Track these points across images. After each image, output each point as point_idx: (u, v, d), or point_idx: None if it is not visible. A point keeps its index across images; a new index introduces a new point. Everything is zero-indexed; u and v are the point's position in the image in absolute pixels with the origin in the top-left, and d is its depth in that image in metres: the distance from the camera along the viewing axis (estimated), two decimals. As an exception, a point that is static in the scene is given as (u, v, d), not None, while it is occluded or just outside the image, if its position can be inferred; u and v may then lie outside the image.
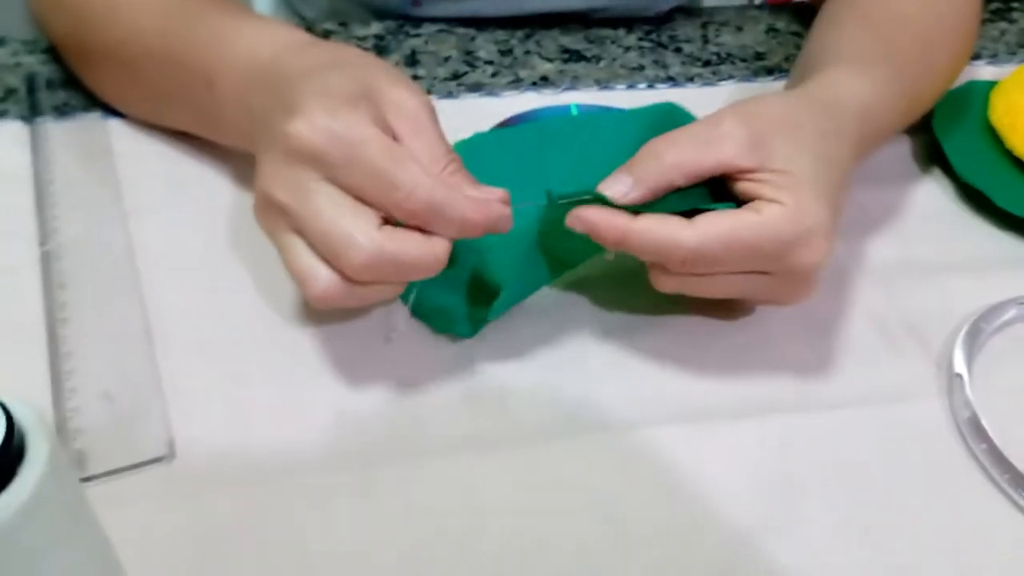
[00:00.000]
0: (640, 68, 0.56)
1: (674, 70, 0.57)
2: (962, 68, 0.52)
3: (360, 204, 0.32)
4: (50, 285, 0.40)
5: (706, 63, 0.57)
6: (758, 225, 0.34)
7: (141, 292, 0.40)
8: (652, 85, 0.55)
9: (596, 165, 0.37)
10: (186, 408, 0.36)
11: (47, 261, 0.41)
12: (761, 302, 0.41)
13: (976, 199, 0.49)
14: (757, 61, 0.58)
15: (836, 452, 0.37)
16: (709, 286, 0.37)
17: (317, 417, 0.36)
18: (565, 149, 0.44)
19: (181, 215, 0.44)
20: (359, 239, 0.32)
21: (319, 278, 0.32)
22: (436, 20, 0.59)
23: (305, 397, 0.37)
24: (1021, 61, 0.58)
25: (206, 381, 0.37)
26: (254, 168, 0.35)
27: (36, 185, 0.44)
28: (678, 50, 0.58)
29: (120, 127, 0.48)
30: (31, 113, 0.48)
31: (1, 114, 0.49)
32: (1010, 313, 0.43)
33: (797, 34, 0.61)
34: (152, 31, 0.44)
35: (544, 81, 0.54)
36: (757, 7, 0.65)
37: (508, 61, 0.56)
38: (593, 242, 0.36)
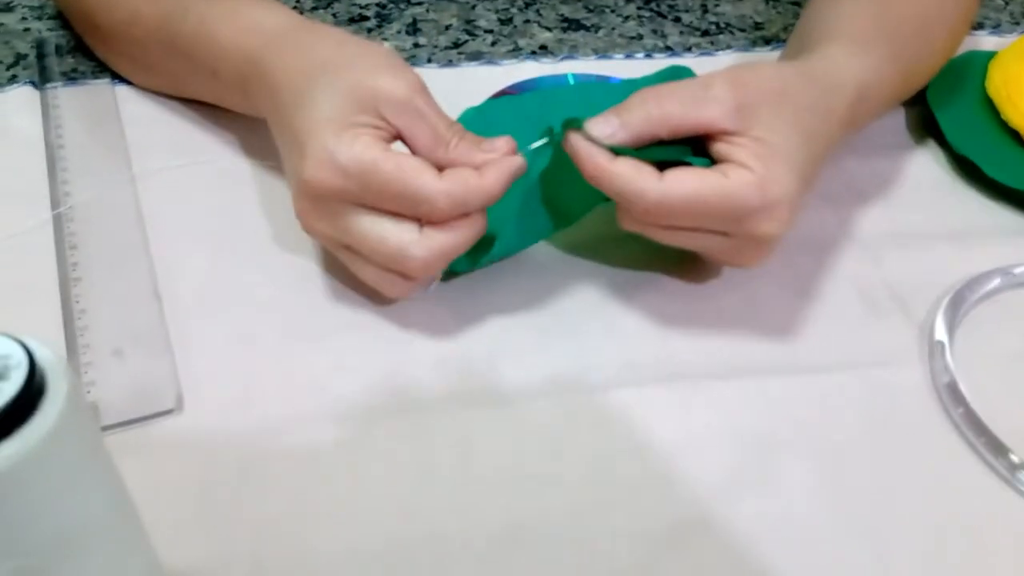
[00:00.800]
0: (639, 37, 0.57)
1: (672, 40, 0.57)
2: (959, 44, 0.52)
3: (396, 217, 0.35)
4: (62, 246, 0.41)
5: (704, 33, 0.58)
6: (722, 189, 0.35)
7: (150, 253, 0.41)
8: (650, 55, 0.56)
9: None
10: (193, 364, 0.37)
11: (59, 223, 0.42)
12: (716, 261, 0.42)
13: (968, 169, 0.50)
14: (756, 31, 0.59)
15: (816, 413, 0.38)
16: (667, 236, 0.38)
17: (316, 374, 0.38)
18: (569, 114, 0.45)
19: (189, 178, 0.45)
20: (411, 251, 0.35)
21: (391, 286, 0.37)
22: (438, -12, 0.59)
23: (306, 355, 0.38)
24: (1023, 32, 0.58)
25: (212, 338, 0.39)
26: (262, 133, 0.38)
27: (47, 149, 0.46)
28: (677, 19, 0.59)
29: (128, 92, 0.50)
30: (41, 79, 0.50)
31: (12, 79, 0.50)
32: (995, 282, 0.44)
33: (796, 3, 0.62)
34: (152, 16, 0.45)
35: (543, 50, 0.55)
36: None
37: (508, 30, 0.56)
38: (592, 191, 0.37)
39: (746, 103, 0.37)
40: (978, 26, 0.61)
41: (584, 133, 0.36)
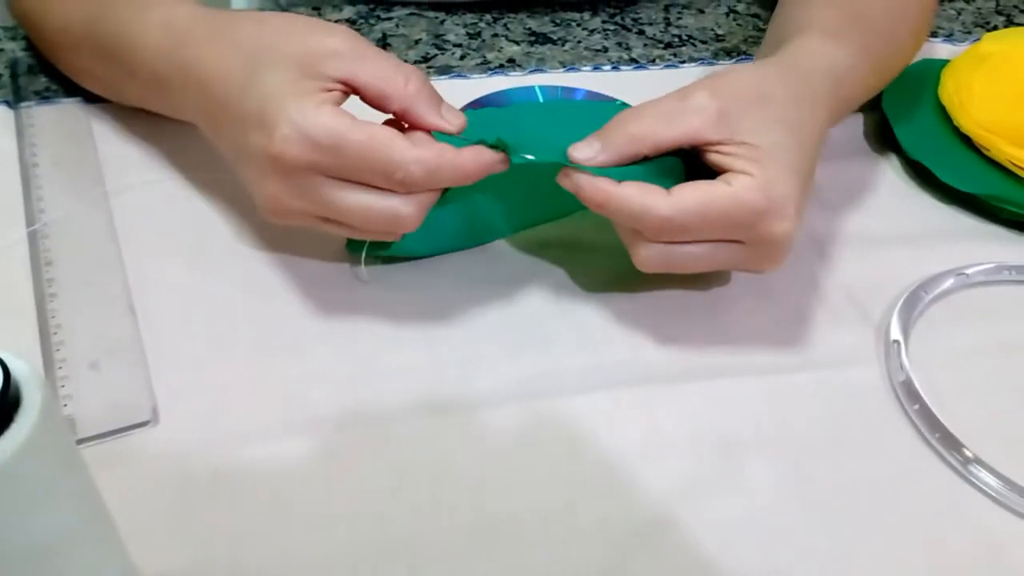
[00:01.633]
0: (604, 50, 0.58)
1: (637, 52, 0.58)
2: (923, 42, 0.53)
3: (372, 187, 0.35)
4: (38, 262, 0.42)
5: (667, 45, 0.59)
6: (729, 196, 0.36)
7: (124, 268, 0.42)
8: (616, 67, 0.57)
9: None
10: (168, 376, 0.38)
11: (34, 240, 0.43)
12: (736, 269, 0.42)
13: (922, 175, 0.51)
14: (717, 43, 0.60)
15: (778, 413, 0.39)
16: (686, 257, 0.38)
17: (289, 384, 0.38)
18: (540, 130, 0.46)
19: (161, 194, 0.46)
20: (401, 211, 0.35)
21: (384, 238, 0.38)
22: (407, 4, 0.60)
23: (278, 365, 0.39)
24: (976, 40, 0.59)
25: (187, 351, 0.39)
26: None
27: (22, 168, 0.46)
28: (641, 32, 0.60)
29: (101, 111, 0.50)
30: (15, 98, 0.50)
31: (-15, 99, 0.50)
32: (948, 283, 0.45)
33: (756, 16, 0.63)
34: (79, 22, 0.45)
35: (511, 63, 0.56)
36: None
37: (476, 44, 0.58)
38: (549, 204, 0.38)
39: (727, 110, 0.37)
40: (932, 35, 0.63)
41: (573, 168, 0.36)
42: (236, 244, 0.44)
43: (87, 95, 0.50)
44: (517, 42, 0.58)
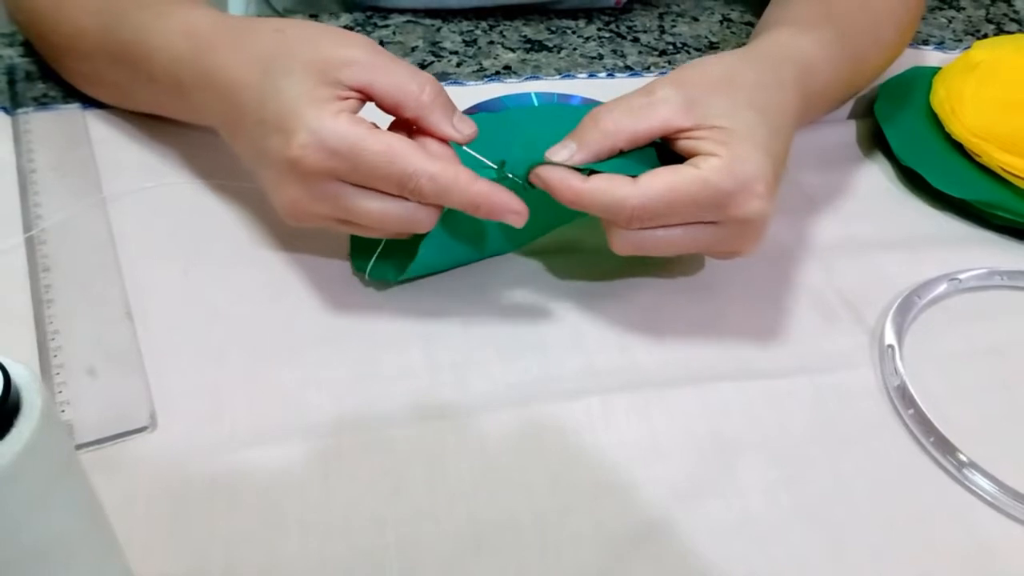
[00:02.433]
0: (599, 57, 0.59)
1: (631, 59, 0.59)
2: (908, 41, 0.54)
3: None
4: (35, 268, 0.42)
5: (662, 52, 0.60)
6: (696, 178, 0.36)
7: (121, 273, 0.42)
8: (612, 74, 0.57)
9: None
10: (165, 381, 0.38)
11: (32, 246, 0.43)
12: (717, 254, 0.42)
13: (914, 180, 0.52)
14: (711, 50, 0.61)
15: (773, 417, 0.39)
16: (661, 241, 0.38)
17: (286, 389, 0.39)
18: (532, 135, 0.46)
19: (158, 199, 0.46)
20: (416, 214, 0.36)
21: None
22: (403, 11, 0.60)
23: (275, 370, 0.39)
24: (967, 48, 0.60)
25: (184, 356, 0.39)
26: (230, 153, 0.38)
27: (19, 174, 0.46)
28: (635, 40, 0.61)
29: (98, 117, 0.50)
30: (12, 104, 0.50)
31: (-17, 106, 0.50)
32: (941, 287, 0.46)
33: (750, 24, 0.64)
34: (93, 30, 0.45)
35: (507, 70, 0.57)
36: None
37: (472, 51, 0.58)
38: (541, 220, 0.38)
39: (694, 97, 0.38)
40: (923, 42, 0.63)
41: (548, 164, 0.37)
42: (233, 249, 0.44)
43: (85, 101, 0.51)
44: (513, 49, 0.59)
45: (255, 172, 0.39)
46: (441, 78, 0.55)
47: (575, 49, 0.59)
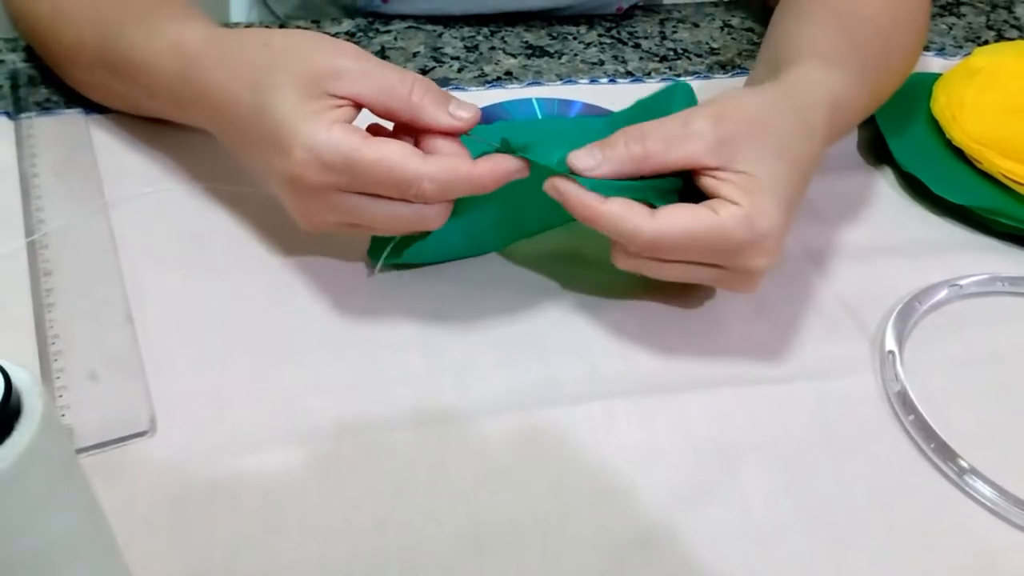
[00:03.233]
0: (600, 63, 0.59)
1: (632, 65, 0.59)
2: (914, 65, 0.54)
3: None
4: (36, 273, 0.42)
5: (663, 59, 0.60)
6: (713, 225, 0.36)
7: (122, 277, 0.42)
8: (613, 79, 0.58)
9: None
10: (166, 386, 0.38)
11: (33, 250, 0.43)
12: (710, 285, 0.43)
13: (915, 187, 0.52)
14: (712, 56, 0.61)
15: (774, 423, 0.39)
16: (662, 270, 0.39)
17: (287, 392, 0.39)
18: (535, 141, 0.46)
19: (160, 204, 0.46)
20: (426, 213, 0.37)
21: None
22: (405, 17, 0.61)
23: (276, 374, 0.39)
24: (967, 55, 0.60)
25: (184, 360, 0.39)
26: (230, 158, 0.38)
27: (21, 178, 0.46)
28: (636, 46, 0.61)
29: (100, 122, 0.50)
30: (15, 109, 0.50)
31: (-14, 110, 0.50)
32: (942, 294, 0.46)
33: (751, 30, 0.64)
34: (92, 43, 0.46)
35: (508, 76, 0.57)
36: (713, 4, 0.67)
37: (474, 57, 0.58)
38: (549, 211, 0.38)
39: (728, 137, 0.37)
40: (924, 49, 0.63)
41: (566, 176, 0.37)
42: (234, 254, 0.44)
43: (87, 106, 0.51)
44: (514, 55, 0.59)
45: (266, 184, 0.39)
46: (442, 83, 0.56)
47: (576, 55, 0.59)
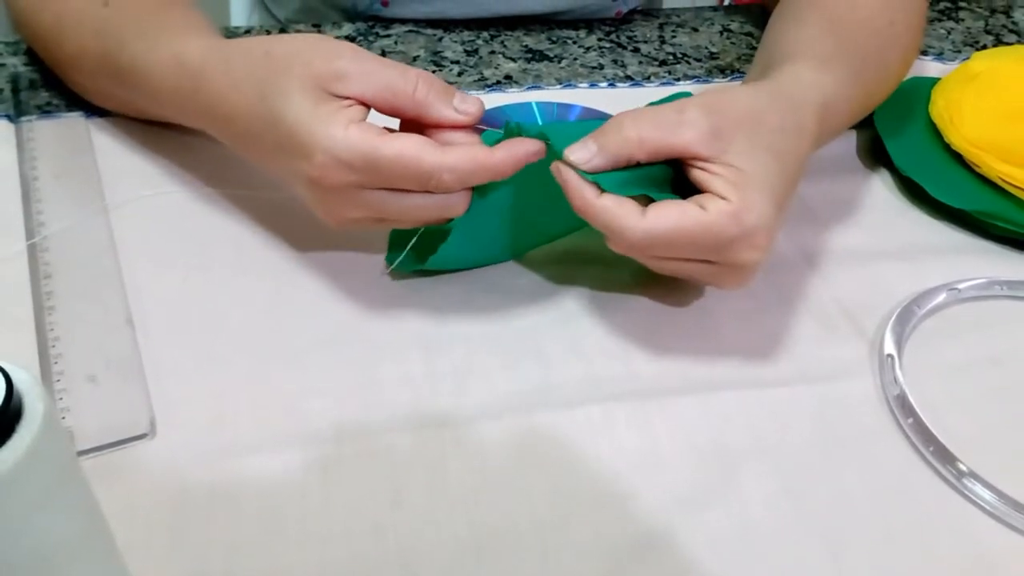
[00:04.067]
0: (600, 67, 0.59)
1: (632, 69, 0.59)
2: (910, 66, 0.54)
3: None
4: (37, 276, 0.42)
5: (662, 63, 0.60)
6: (702, 223, 0.36)
7: (123, 281, 0.42)
8: (612, 84, 0.58)
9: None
10: (166, 388, 0.38)
11: (34, 253, 0.43)
12: (702, 283, 0.43)
13: (914, 191, 0.52)
14: (711, 60, 0.61)
15: (774, 426, 0.39)
16: (653, 263, 0.39)
17: (286, 396, 0.39)
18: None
19: (160, 207, 0.46)
20: (448, 201, 0.37)
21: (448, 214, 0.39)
22: (405, 21, 0.61)
23: (276, 377, 0.39)
24: (965, 59, 0.60)
25: (184, 363, 0.39)
26: (230, 162, 0.38)
27: (22, 181, 0.46)
28: (636, 50, 0.61)
29: (101, 125, 0.50)
30: (16, 112, 0.50)
31: (-14, 113, 0.51)
32: (941, 297, 0.46)
33: (750, 35, 0.64)
34: (95, 52, 0.46)
35: (508, 80, 0.57)
36: (712, 9, 0.67)
37: (474, 61, 0.58)
38: (561, 221, 0.38)
39: (720, 129, 0.38)
40: (922, 53, 0.64)
41: (568, 162, 0.37)
42: (234, 257, 0.44)
43: (88, 110, 0.51)
44: (514, 59, 0.59)
45: (289, 187, 0.40)
46: (442, 87, 0.56)
47: (576, 59, 0.59)
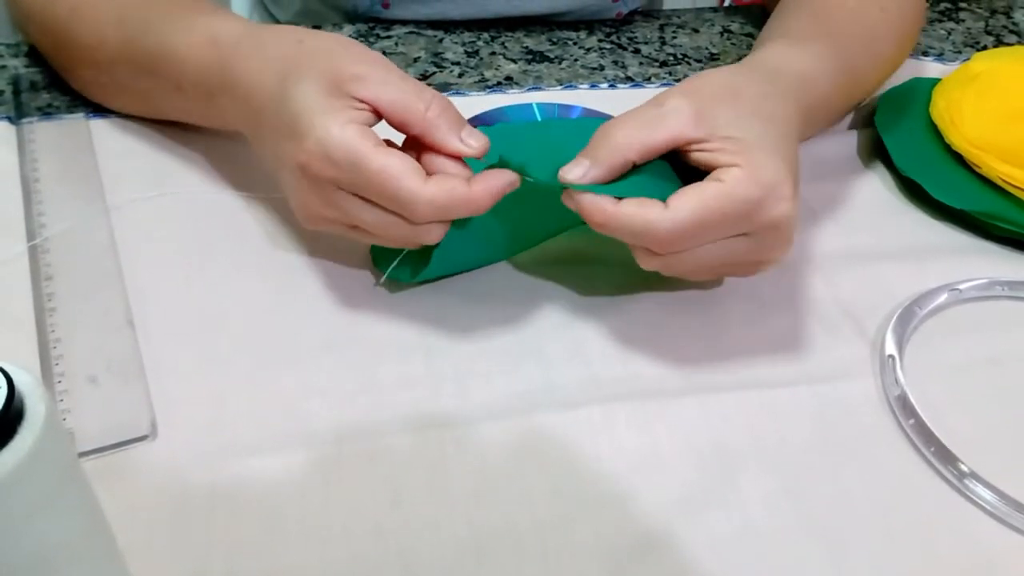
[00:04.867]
0: (600, 68, 0.59)
1: (632, 70, 0.59)
2: (907, 54, 0.55)
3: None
4: (38, 277, 0.42)
5: (663, 63, 0.60)
6: (723, 193, 0.36)
7: (123, 282, 0.42)
8: (613, 85, 0.58)
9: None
10: (166, 390, 0.38)
11: (34, 254, 0.43)
12: (747, 269, 0.41)
13: (914, 191, 0.52)
14: (711, 61, 0.61)
15: (774, 427, 0.39)
16: (689, 264, 0.38)
17: (287, 397, 0.39)
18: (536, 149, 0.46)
19: (161, 208, 0.46)
20: (420, 232, 0.37)
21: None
22: (406, 22, 0.61)
23: (276, 379, 0.39)
24: (966, 60, 0.60)
25: (185, 364, 0.39)
26: (231, 163, 0.38)
27: (23, 183, 0.47)
28: (636, 51, 0.61)
29: (102, 126, 0.50)
30: (17, 114, 0.50)
31: (-12, 115, 0.51)
32: (942, 298, 0.46)
33: (750, 35, 0.64)
34: (115, 40, 0.46)
35: (509, 81, 0.57)
36: (713, 10, 0.67)
37: (474, 62, 0.58)
38: (550, 220, 0.38)
39: (702, 108, 0.38)
40: (923, 54, 0.64)
41: (565, 182, 0.37)
42: (235, 258, 0.44)
43: (90, 110, 0.51)
44: (514, 60, 0.59)
45: (276, 174, 0.40)
46: (443, 89, 0.56)
47: (576, 60, 0.60)
